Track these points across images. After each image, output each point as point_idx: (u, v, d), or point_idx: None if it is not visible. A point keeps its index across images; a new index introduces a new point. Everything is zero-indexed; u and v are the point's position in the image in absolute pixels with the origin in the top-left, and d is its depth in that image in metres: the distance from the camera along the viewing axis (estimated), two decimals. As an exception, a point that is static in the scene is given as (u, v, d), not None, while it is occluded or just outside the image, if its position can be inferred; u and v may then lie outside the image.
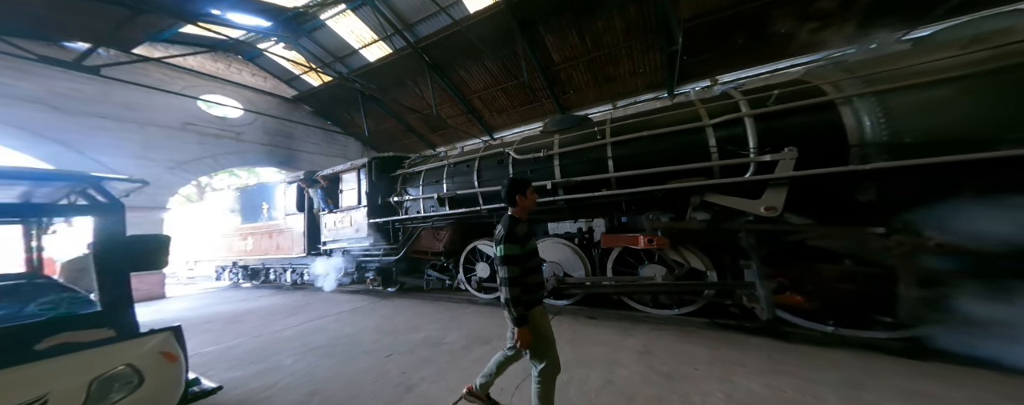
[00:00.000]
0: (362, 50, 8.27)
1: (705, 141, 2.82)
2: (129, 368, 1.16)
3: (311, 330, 3.67)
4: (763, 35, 5.89)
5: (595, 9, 6.01)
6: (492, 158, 4.17)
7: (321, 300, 5.41)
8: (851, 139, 2.33)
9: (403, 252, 5.07)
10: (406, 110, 9.14)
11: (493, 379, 1.79)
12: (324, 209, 5.94)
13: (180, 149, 7.83)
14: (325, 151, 11.14)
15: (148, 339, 1.30)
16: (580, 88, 7.99)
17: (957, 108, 2.04)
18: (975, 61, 2.03)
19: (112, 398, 1.09)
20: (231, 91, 9.08)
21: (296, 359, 2.83)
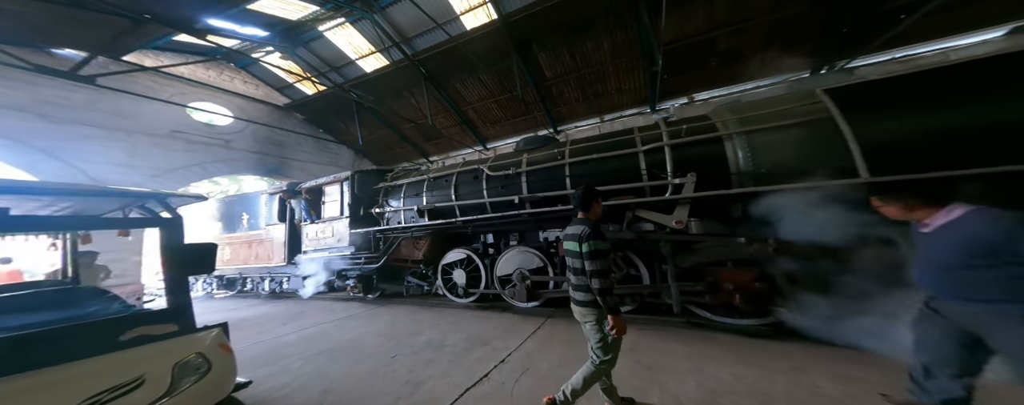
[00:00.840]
0: (359, 61, 8.47)
1: (638, 165, 3.34)
2: (200, 356, 1.37)
3: (313, 336, 3.73)
4: (732, 59, 6.55)
5: (585, 31, 6.51)
6: (468, 174, 4.54)
7: (316, 308, 5.40)
8: (731, 168, 2.91)
9: (383, 260, 5.26)
10: (401, 120, 9.34)
11: (580, 394, 1.74)
12: (306, 220, 6.14)
13: (166, 157, 7.69)
14: (317, 159, 11.10)
15: (207, 333, 1.50)
16: (570, 102, 8.46)
17: (787, 147, 2.68)
18: (797, 113, 2.67)
19: (190, 380, 1.30)
20: (222, 98, 9.02)
21: (304, 362, 2.87)
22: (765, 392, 1.89)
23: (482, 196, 4.32)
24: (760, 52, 6.30)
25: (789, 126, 2.68)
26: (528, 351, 2.79)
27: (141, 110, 7.16)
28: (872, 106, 2.42)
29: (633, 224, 3.31)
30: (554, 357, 2.60)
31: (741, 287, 2.78)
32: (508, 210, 4.11)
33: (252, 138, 9.43)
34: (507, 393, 2.09)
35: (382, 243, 5.54)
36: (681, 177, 3.04)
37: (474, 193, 4.42)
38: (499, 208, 4.22)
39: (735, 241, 2.78)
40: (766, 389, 1.92)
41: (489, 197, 4.27)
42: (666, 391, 1.63)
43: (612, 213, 3.42)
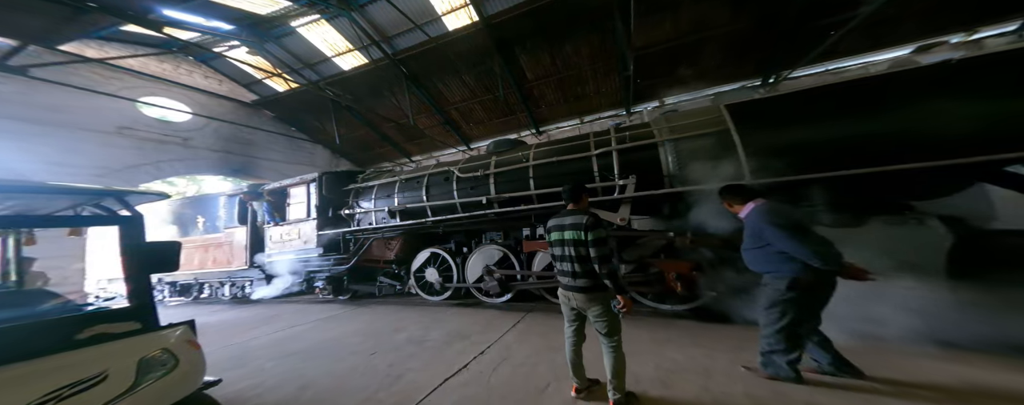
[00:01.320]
0: (335, 58, 8.21)
1: (591, 167, 3.64)
2: (166, 352, 1.39)
3: (287, 338, 3.61)
4: (696, 66, 7.10)
5: (565, 35, 6.81)
6: (439, 175, 4.69)
7: (290, 311, 5.18)
8: (664, 170, 3.29)
9: (354, 261, 5.26)
10: (381, 119, 9.16)
11: (623, 378, 1.77)
12: (269, 222, 6.03)
13: (113, 155, 7.01)
14: (289, 159, 10.57)
15: (173, 330, 1.52)
16: (552, 104, 8.75)
17: (701, 154, 3.11)
18: (708, 124, 3.13)
19: (156, 374, 1.32)
20: (179, 94, 8.35)
21: (278, 362, 2.86)
22: (707, 368, 2.17)
23: (453, 197, 4.48)
24: (718, 60, 6.90)
25: (702, 136, 3.13)
26: (507, 343, 2.89)
27: (82, 104, 6.48)
28: (756, 121, 2.92)
29: None
30: (531, 347, 2.73)
31: (681, 276, 3.11)
32: (477, 210, 4.30)
33: (214, 136, 8.82)
34: (485, 380, 2.21)
35: (352, 244, 5.56)
36: (625, 179, 3.39)
37: (445, 194, 4.55)
38: (469, 208, 4.39)
39: (666, 235, 3.15)
40: (709, 366, 2.20)
41: (459, 198, 4.43)
42: (628, 372, 1.80)
43: None
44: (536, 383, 2.10)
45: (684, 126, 3.29)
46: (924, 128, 2.34)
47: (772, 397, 1.77)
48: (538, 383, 2.10)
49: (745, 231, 2.01)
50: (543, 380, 2.13)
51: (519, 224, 4.30)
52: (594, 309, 1.80)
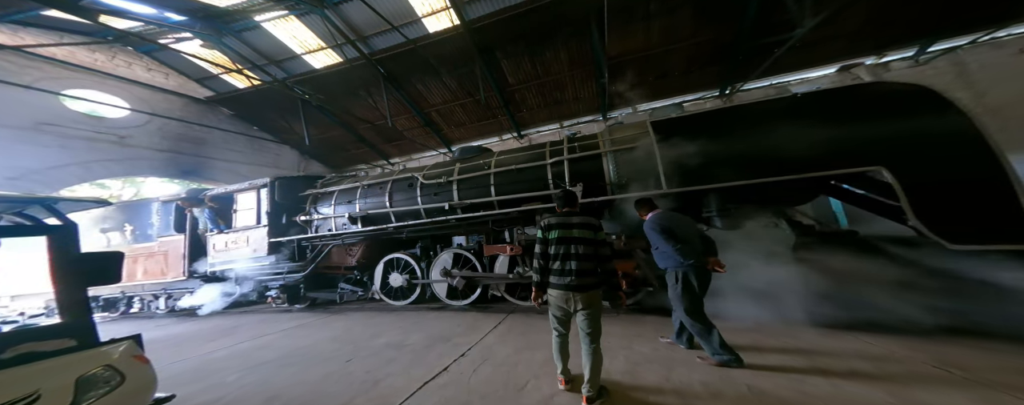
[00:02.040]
0: (306, 56, 7.79)
1: (546, 175, 3.90)
2: (109, 369, 1.31)
3: (252, 349, 3.35)
4: (664, 75, 7.65)
5: (545, 41, 7.03)
6: (403, 181, 4.77)
7: (253, 322, 4.80)
8: (606, 179, 3.60)
9: (311, 268, 5.26)
10: (357, 120, 8.80)
11: (599, 377, 1.83)
12: (212, 229, 5.76)
13: (30, 154, 6.04)
14: (251, 160, 9.76)
15: (116, 346, 1.43)
16: (532, 108, 8.94)
17: (632, 164, 3.48)
18: (638, 138, 3.52)
19: (98, 392, 1.24)
20: (114, 87, 7.41)
21: (242, 374, 2.67)
22: (672, 358, 2.39)
23: (416, 203, 4.57)
24: (684, 71, 7.49)
25: (634, 148, 3.48)
26: (488, 344, 2.92)
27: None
28: (673, 136, 3.30)
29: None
30: (512, 347, 2.77)
31: (625, 274, 3.39)
32: (439, 216, 4.44)
33: (159, 134, 7.92)
34: (465, 382, 2.23)
35: (309, 251, 5.44)
36: (574, 186, 3.68)
37: (408, 200, 4.64)
38: (433, 214, 4.51)
39: (609, 239, 3.37)
40: (673, 356, 2.42)
41: (423, 204, 4.53)
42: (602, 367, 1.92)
43: (524, 217, 4.04)
44: (516, 382, 2.15)
45: (621, 139, 3.64)
46: (778, 149, 2.85)
47: (720, 381, 1.98)
48: (518, 382, 2.14)
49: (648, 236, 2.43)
50: (523, 379, 2.18)
51: (481, 229, 4.43)
52: (590, 308, 1.83)
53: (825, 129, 2.72)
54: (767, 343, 2.47)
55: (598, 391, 1.84)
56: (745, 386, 1.89)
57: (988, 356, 2.07)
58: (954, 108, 2.50)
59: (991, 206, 2.23)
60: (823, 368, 2.06)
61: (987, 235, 2.19)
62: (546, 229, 1.97)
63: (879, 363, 2.09)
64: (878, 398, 1.71)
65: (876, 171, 2.52)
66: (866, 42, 6.43)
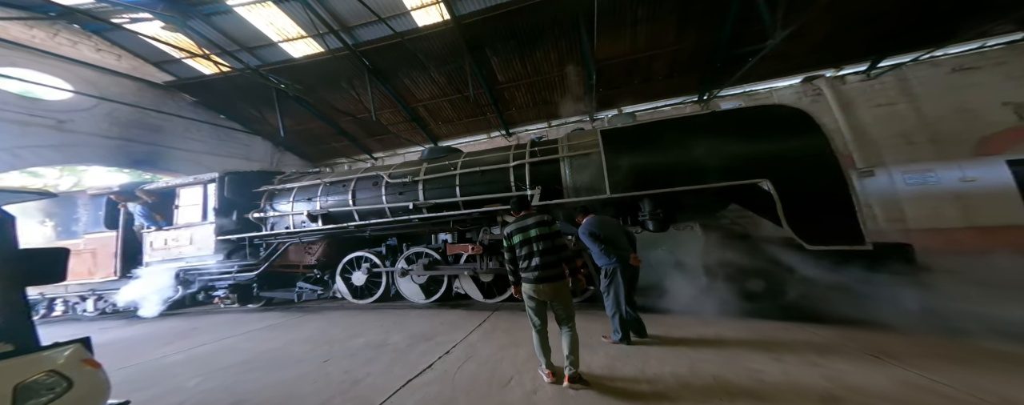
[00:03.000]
0: (283, 43, 7.34)
1: (508, 178, 4.06)
2: (54, 374, 1.21)
3: (214, 352, 3.08)
4: (649, 79, 7.92)
5: (535, 40, 7.06)
6: (368, 180, 4.78)
7: (215, 323, 4.43)
8: (563, 183, 3.82)
9: (264, 267, 5.07)
10: (338, 113, 8.39)
11: (578, 355, 2.05)
12: (149, 226, 5.43)
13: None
14: (217, 150, 9.02)
15: (61, 350, 1.32)
16: (522, 107, 8.94)
17: (584, 170, 3.73)
18: (589, 145, 3.77)
19: (41, 400, 1.14)
20: (53, 66, 6.58)
21: (203, 379, 2.43)
22: (646, 353, 2.53)
23: (381, 202, 4.56)
24: (666, 76, 7.79)
25: (586, 155, 3.73)
26: (472, 342, 2.89)
27: None
28: (618, 146, 3.57)
29: (503, 227, 4.23)
30: (496, 344, 2.78)
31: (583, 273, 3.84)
32: (403, 215, 4.43)
33: (107, 120, 7.12)
34: (450, 379, 2.22)
35: (263, 249, 5.23)
36: (533, 189, 3.86)
37: (373, 199, 4.61)
38: (397, 213, 4.57)
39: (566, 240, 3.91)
40: (647, 352, 2.58)
41: (388, 203, 4.54)
42: (583, 362, 2.08)
43: (486, 218, 4.16)
44: (500, 378, 2.16)
45: (576, 145, 3.89)
46: (695, 161, 3.23)
47: (690, 374, 2.08)
48: (502, 378, 2.15)
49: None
50: (507, 375, 2.20)
51: (446, 229, 4.52)
52: (559, 296, 2.07)
53: (732, 144, 3.15)
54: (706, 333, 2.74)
55: (578, 374, 2.03)
56: (711, 377, 2.03)
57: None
58: (820, 131, 2.99)
59: (838, 214, 2.74)
60: (779, 356, 2.26)
61: (832, 237, 2.71)
62: (508, 236, 2.20)
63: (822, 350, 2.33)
64: (817, 381, 1.90)
65: (763, 182, 2.94)
66: (827, 56, 7.02)
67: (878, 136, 6.92)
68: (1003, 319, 2.36)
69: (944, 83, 6.51)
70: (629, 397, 1.85)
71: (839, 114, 7.17)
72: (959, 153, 6.28)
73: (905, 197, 6.64)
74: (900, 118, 6.79)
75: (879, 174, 6.80)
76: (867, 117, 7.04)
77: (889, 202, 6.76)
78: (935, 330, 2.43)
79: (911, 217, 6.65)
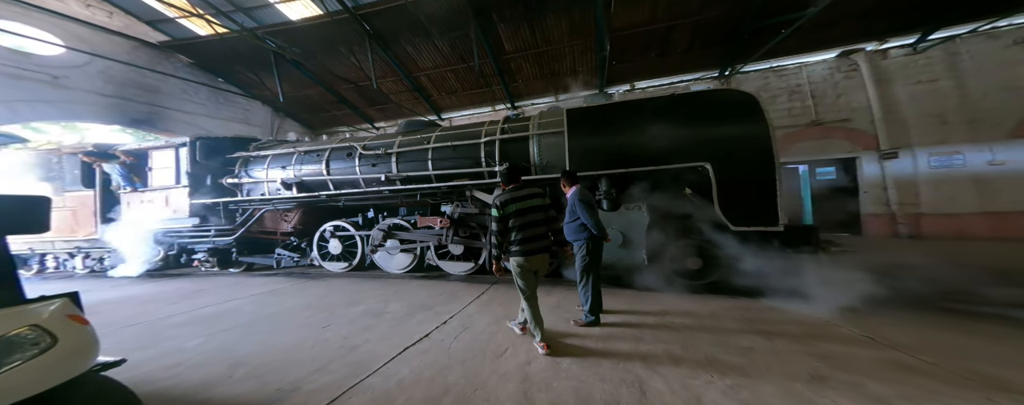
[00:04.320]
0: (280, 5, 6.90)
1: (479, 154, 4.07)
2: (36, 329, 1.15)
3: (217, 314, 3.12)
4: (666, 53, 7.33)
5: (546, 6, 6.53)
6: (342, 150, 4.76)
7: (221, 285, 4.52)
8: (532, 161, 3.86)
9: (241, 232, 5.11)
10: (338, 80, 8.06)
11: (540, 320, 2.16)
12: (126, 186, 5.51)
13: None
14: (215, 113, 8.82)
15: (46, 304, 1.27)
16: (528, 78, 8.49)
17: (550, 148, 3.77)
18: (556, 124, 3.78)
19: (22, 355, 1.09)
20: (42, 21, 6.31)
21: (205, 340, 2.47)
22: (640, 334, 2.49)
23: (355, 172, 4.59)
24: (685, 49, 7.19)
25: (553, 133, 3.76)
26: (470, 313, 2.84)
27: None
28: (579, 125, 3.61)
29: (474, 201, 4.23)
30: (492, 317, 2.80)
31: None
32: (375, 186, 4.47)
33: (102, 78, 6.93)
34: (446, 348, 2.22)
35: (239, 214, 5.29)
36: (502, 165, 3.84)
37: (347, 169, 4.63)
38: (370, 184, 4.54)
39: None
40: (643, 322, 2.63)
41: (362, 174, 4.44)
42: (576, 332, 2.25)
43: (455, 192, 4.24)
44: (495, 349, 2.16)
45: (545, 124, 3.90)
46: (648, 143, 3.32)
47: (684, 350, 2.07)
48: (497, 349, 2.16)
49: (567, 208, 2.60)
50: (502, 346, 2.20)
51: (418, 202, 4.59)
52: (544, 267, 2.20)
53: (683, 128, 3.27)
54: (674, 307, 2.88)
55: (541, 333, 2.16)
56: (703, 355, 2.03)
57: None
58: (763, 118, 3.05)
59: (763, 198, 2.95)
60: (761, 330, 2.35)
61: (753, 219, 2.95)
62: (502, 206, 2.14)
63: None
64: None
65: (705, 165, 3.09)
66: (870, 27, 6.35)
67: (910, 115, 6.49)
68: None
69: (998, 58, 5.95)
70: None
71: (873, 91, 6.68)
72: (993, 134, 5.90)
73: (925, 180, 6.36)
74: (939, 96, 6.30)
75: (903, 155, 6.45)
76: (903, 94, 6.55)
77: (907, 185, 6.47)
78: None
79: (925, 201, 6.39)
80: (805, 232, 3.04)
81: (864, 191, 6.87)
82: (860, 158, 6.88)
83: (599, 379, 1.76)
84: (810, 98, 7.22)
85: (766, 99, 7.23)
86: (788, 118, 7.33)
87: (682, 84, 8.19)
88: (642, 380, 1.74)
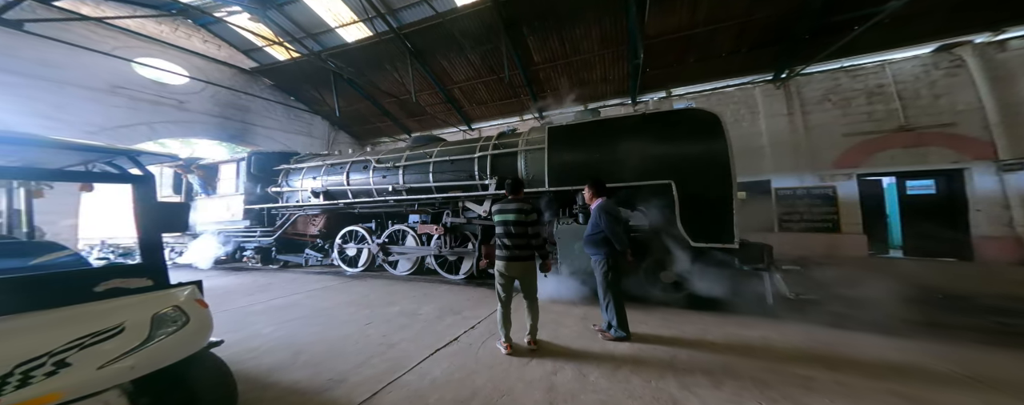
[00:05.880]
0: (339, 29, 7.93)
1: (473, 167, 4.35)
2: (177, 309, 1.41)
3: (283, 306, 3.68)
4: (707, 57, 6.86)
5: (575, 16, 6.56)
6: (360, 163, 5.39)
7: (284, 280, 5.28)
8: (520, 175, 4.05)
9: (279, 233, 5.99)
10: (382, 94, 8.94)
11: (536, 323, 2.40)
12: (202, 193, 6.73)
13: (105, 113, 6.83)
14: (286, 128, 10.38)
15: (182, 289, 1.53)
16: (557, 88, 8.54)
17: (535, 164, 3.96)
18: (539, 141, 4.00)
19: (168, 330, 1.34)
20: (175, 56, 8.10)
21: (275, 328, 2.85)
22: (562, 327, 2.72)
23: (368, 183, 5.07)
24: (731, 52, 6.65)
25: (537, 149, 3.96)
26: (496, 320, 2.89)
27: (73, 61, 6.29)
28: (560, 142, 3.81)
29: (464, 212, 4.57)
30: (519, 324, 2.80)
31: None
32: (384, 196, 4.99)
33: (211, 101, 8.61)
34: (473, 352, 2.34)
35: (279, 218, 6.20)
36: (492, 178, 4.19)
37: (363, 180, 5.20)
38: (382, 194, 5.05)
39: None
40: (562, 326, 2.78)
41: (374, 184, 5.02)
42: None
43: (450, 202, 4.60)
44: (520, 357, 2.24)
45: (532, 140, 4.13)
46: (620, 160, 3.49)
47: (725, 373, 1.98)
48: (522, 357, 2.23)
49: (590, 219, 2.62)
50: (527, 355, 2.27)
51: (421, 211, 5.03)
52: (524, 274, 2.35)
53: (652, 147, 3.41)
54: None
55: (535, 338, 2.39)
56: (749, 379, 1.93)
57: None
58: (723, 138, 3.15)
59: (721, 215, 3.06)
60: (821, 358, 2.17)
61: (711, 236, 3.07)
62: (495, 214, 2.44)
63: None
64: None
65: (668, 184, 3.24)
66: (977, 14, 5.19)
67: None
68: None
69: None
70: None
71: (986, 90, 5.47)
72: None
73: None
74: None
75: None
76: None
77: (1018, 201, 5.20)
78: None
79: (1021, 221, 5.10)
80: (758, 249, 3.11)
81: (977, 209, 5.61)
82: (970, 169, 5.64)
83: (628, 395, 1.72)
84: (897, 100, 6.11)
85: (838, 102, 6.53)
86: (868, 123, 6.31)
87: (728, 89, 7.56)
88: (677, 400, 1.66)
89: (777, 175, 6.84)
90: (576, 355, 2.27)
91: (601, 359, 2.17)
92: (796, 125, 6.82)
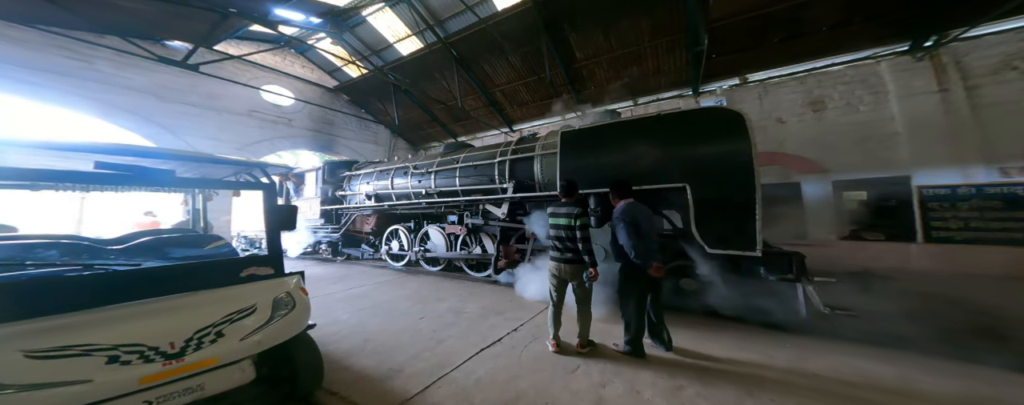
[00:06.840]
0: (396, 44, 8.83)
1: (493, 171, 4.51)
2: (288, 295, 1.67)
3: (356, 295, 4.16)
4: (797, 35, 5.63)
5: (622, 9, 6.02)
6: (402, 169, 5.92)
7: (357, 272, 6.23)
8: (536, 178, 4.14)
9: (342, 231, 7.11)
10: (432, 101, 9.69)
11: (588, 331, 2.43)
12: (295, 196, 8.14)
13: (245, 133, 9.07)
14: (359, 137, 12.09)
15: (291, 278, 1.80)
16: (601, 84, 8.02)
17: (550, 168, 4.00)
18: (553, 145, 3.99)
19: (282, 313, 1.60)
20: (284, 82, 10.15)
21: (350, 315, 3.31)
22: None
23: (408, 187, 5.60)
24: (835, 25, 5.32)
25: (551, 153, 4.00)
26: (538, 323, 2.97)
27: (226, 93, 8.46)
28: (572, 146, 3.80)
29: (485, 214, 4.81)
30: (563, 330, 2.76)
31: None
32: (418, 199, 5.49)
33: (309, 117, 10.58)
34: (516, 355, 2.38)
35: (342, 218, 7.20)
36: (508, 183, 4.33)
37: (404, 184, 5.74)
38: (417, 197, 5.52)
39: (522, 227, 4.47)
40: None
41: (412, 188, 5.52)
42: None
43: (471, 205, 4.88)
44: (566, 364, 2.19)
45: (546, 144, 4.18)
46: (633, 163, 3.37)
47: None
48: (568, 364, 2.18)
49: (614, 222, 2.45)
50: (574, 362, 2.22)
51: (450, 213, 5.41)
52: (575, 278, 2.35)
53: (666, 149, 3.24)
54: None
55: (587, 341, 2.41)
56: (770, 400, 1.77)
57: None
58: (746, 137, 2.86)
59: (742, 221, 2.78)
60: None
61: (730, 243, 2.84)
62: (549, 215, 2.51)
63: None
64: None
65: (682, 187, 3.05)
66: None
67: None
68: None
69: None
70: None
71: None
72: None
73: None
74: None
75: None
76: None
77: None
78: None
79: None
80: (786, 258, 2.80)
81: None
82: None
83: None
84: None
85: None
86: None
87: (835, 68, 6.08)
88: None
89: (921, 169, 5.17)
90: (628, 366, 2.15)
91: (657, 374, 2.00)
92: (955, 105, 5.01)
